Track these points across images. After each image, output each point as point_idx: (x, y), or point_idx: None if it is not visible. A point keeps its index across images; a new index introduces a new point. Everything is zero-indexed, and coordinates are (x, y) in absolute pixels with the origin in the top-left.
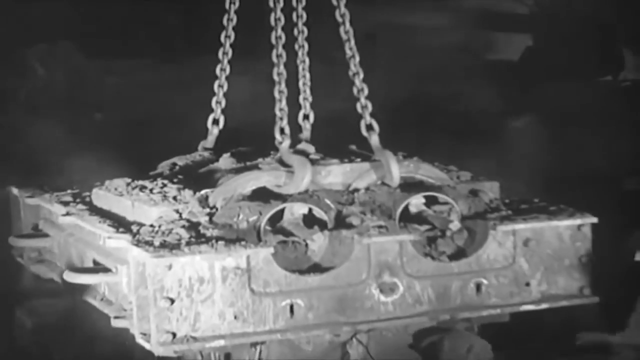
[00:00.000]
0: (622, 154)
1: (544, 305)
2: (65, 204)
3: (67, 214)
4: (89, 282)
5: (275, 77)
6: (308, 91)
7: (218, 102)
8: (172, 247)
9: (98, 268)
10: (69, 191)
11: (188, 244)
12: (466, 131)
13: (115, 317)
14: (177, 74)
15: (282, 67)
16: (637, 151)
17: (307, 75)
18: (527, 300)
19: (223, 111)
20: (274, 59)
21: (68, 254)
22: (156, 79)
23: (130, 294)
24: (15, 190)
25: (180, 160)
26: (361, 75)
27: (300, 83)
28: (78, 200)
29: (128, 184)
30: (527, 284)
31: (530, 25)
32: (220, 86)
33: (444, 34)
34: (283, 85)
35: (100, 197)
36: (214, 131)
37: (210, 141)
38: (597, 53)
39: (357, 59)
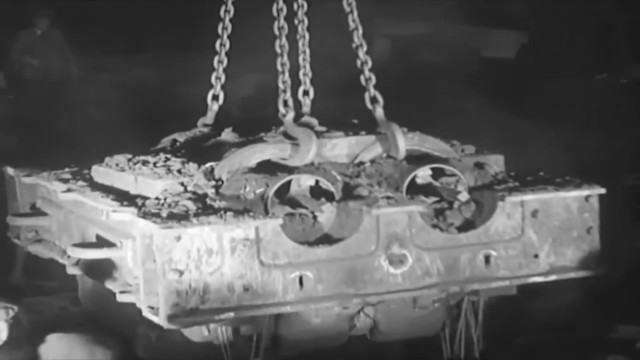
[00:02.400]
0: (619, 151)
1: (552, 277)
2: (65, 181)
3: (68, 190)
4: (93, 257)
5: (278, 50)
6: (308, 67)
7: (218, 78)
8: (180, 218)
9: (102, 243)
10: (66, 169)
11: (196, 215)
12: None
13: (121, 292)
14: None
15: (284, 39)
16: (634, 148)
17: (307, 50)
18: (536, 272)
19: (222, 87)
20: (276, 31)
21: (69, 231)
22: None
23: (135, 268)
24: (10, 170)
25: (181, 137)
26: (364, 48)
27: (300, 59)
28: (78, 177)
29: (129, 160)
30: (536, 256)
31: (526, 23)
32: (220, 62)
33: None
34: (285, 57)
35: (101, 173)
36: (213, 107)
37: (209, 117)
38: (595, 51)
39: (360, 31)
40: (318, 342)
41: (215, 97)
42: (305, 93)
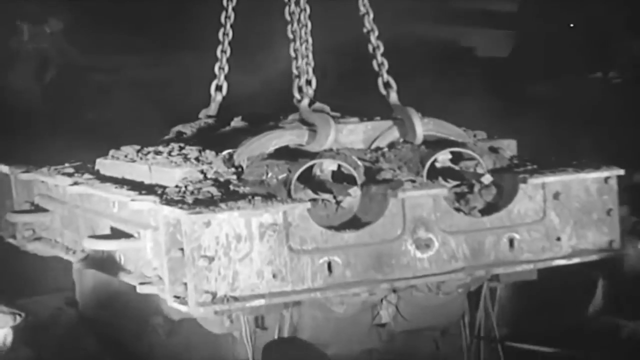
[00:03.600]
0: (613, 150)
1: (575, 260)
2: (69, 175)
3: (75, 183)
4: (110, 249)
5: (290, 35)
6: (310, 56)
7: (221, 68)
8: (207, 204)
9: (118, 234)
10: (66, 164)
11: (222, 201)
12: None
13: (141, 284)
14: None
15: (295, 24)
16: (628, 146)
17: (310, 40)
18: (559, 255)
19: (226, 77)
20: (287, 16)
21: (74, 226)
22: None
23: (157, 258)
24: (5, 168)
25: (185, 128)
26: (376, 33)
27: (303, 48)
28: (82, 171)
29: (138, 151)
30: (558, 239)
31: (520, 22)
32: (223, 51)
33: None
34: (298, 43)
35: (107, 165)
36: (217, 98)
37: (213, 108)
38: (588, 50)
39: (371, 15)
40: (341, 332)
41: (218, 88)
42: (308, 82)
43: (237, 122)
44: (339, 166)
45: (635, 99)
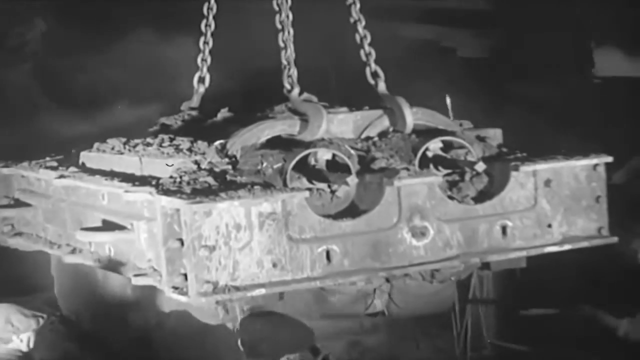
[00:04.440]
0: (593, 149)
1: (566, 247)
2: (53, 168)
3: (61, 176)
4: (104, 241)
5: (279, 25)
6: (292, 47)
7: (204, 60)
8: (206, 193)
9: (111, 226)
10: (48, 158)
11: (221, 190)
12: None
13: (136, 276)
14: None
15: (284, 14)
16: (608, 147)
17: (291, 31)
18: (550, 242)
19: (209, 69)
20: (275, 6)
21: (59, 220)
22: None
23: (152, 249)
24: None
25: (169, 120)
26: (363, 23)
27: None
28: (66, 164)
29: (125, 143)
30: (549, 226)
31: (500, 23)
32: (206, 43)
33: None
34: (287, 33)
35: (93, 158)
36: (199, 90)
37: (195, 101)
38: (569, 51)
39: (358, 5)
40: (334, 321)
41: (201, 80)
42: (289, 76)
43: (224, 113)
44: (333, 155)
45: (615, 99)
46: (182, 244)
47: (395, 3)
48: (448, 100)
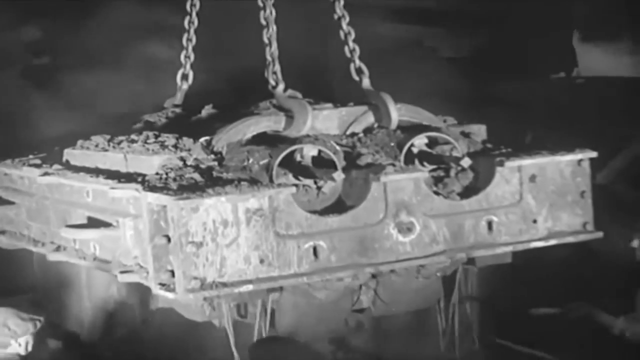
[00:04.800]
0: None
1: (551, 242)
2: (37, 166)
3: (46, 174)
4: (90, 238)
5: (263, 22)
6: (275, 45)
7: (187, 57)
8: (193, 189)
9: (96, 223)
10: (31, 156)
11: (207, 186)
12: None
13: (122, 272)
14: None
15: (268, 10)
16: (590, 147)
17: (274, 27)
18: (536, 237)
19: (192, 66)
20: (260, 2)
21: (43, 218)
22: None
23: (138, 246)
24: None
25: (152, 118)
26: (347, 19)
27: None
28: (50, 162)
29: (109, 140)
30: (534, 221)
31: (483, 22)
32: (189, 40)
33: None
34: (271, 29)
35: (77, 155)
36: (183, 87)
37: (179, 98)
38: (551, 50)
39: (342, 2)
40: (321, 317)
41: (184, 77)
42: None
43: (208, 110)
44: (319, 152)
45: (598, 99)
46: (169, 240)
47: (376, 1)
48: None
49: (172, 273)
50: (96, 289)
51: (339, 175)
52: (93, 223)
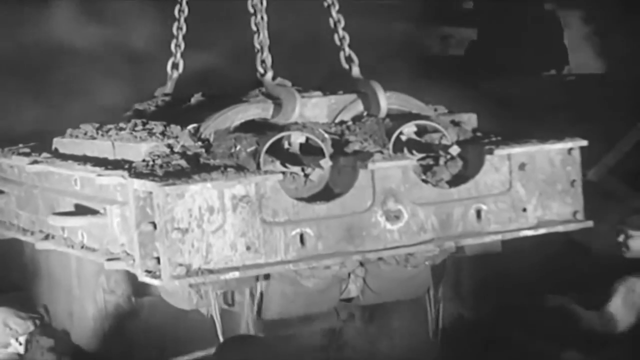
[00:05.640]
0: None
1: (541, 231)
2: (26, 154)
3: (35, 162)
4: (76, 225)
5: (251, 9)
6: (265, 33)
7: (177, 46)
8: (179, 176)
9: (83, 210)
10: (21, 145)
11: (194, 173)
12: None
13: (109, 260)
14: None
15: None
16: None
17: (265, 17)
18: (525, 226)
19: (182, 55)
20: None
21: (32, 207)
22: None
23: (125, 233)
24: None
25: (142, 106)
26: (337, 7)
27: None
28: (39, 151)
29: (98, 128)
30: (524, 210)
31: (475, 20)
32: (180, 28)
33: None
34: (259, 16)
35: (66, 144)
36: (173, 75)
37: (169, 87)
38: (542, 48)
39: None
40: (309, 306)
41: (175, 66)
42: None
43: (197, 98)
44: (307, 139)
45: (589, 95)
46: (155, 227)
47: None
48: None
49: (158, 260)
50: (86, 278)
51: (326, 163)
52: (80, 210)
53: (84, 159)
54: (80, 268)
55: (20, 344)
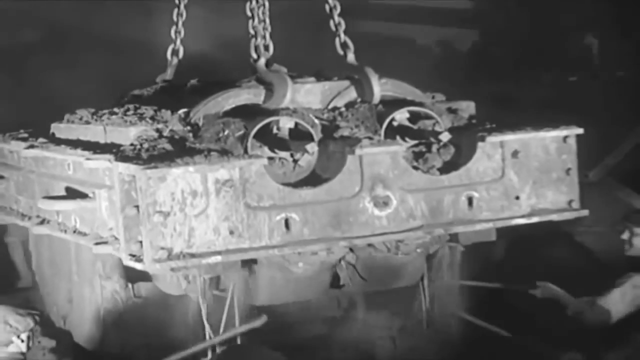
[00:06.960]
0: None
1: (534, 219)
2: (24, 139)
3: (31, 146)
4: (65, 209)
5: None
6: (267, 21)
7: (177, 32)
8: (162, 159)
9: (73, 194)
10: (21, 130)
11: (178, 156)
12: None
13: (96, 244)
14: None
15: None
16: (582, 145)
17: (267, 4)
18: (518, 214)
19: (182, 41)
20: None
21: (29, 191)
22: None
23: (111, 217)
24: None
25: (139, 92)
26: None
27: (260, 12)
28: (37, 136)
29: (93, 113)
30: (517, 198)
31: (477, 20)
32: (180, 15)
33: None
34: (254, 2)
35: (63, 129)
36: (173, 62)
37: (169, 73)
38: (544, 49)
39: None
40: (299, 293)
41: (174, 52)
42: (265, 48)
43: (193, 84)
44: (297, 124)
45: (590, 97)
46: (139, 211)
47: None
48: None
49: (142, 244)
50: (84, 264)
51: (312, 147)
52: (71, 194)
53: (77, 144)
54: (78, 254)
55: (22, 341)
